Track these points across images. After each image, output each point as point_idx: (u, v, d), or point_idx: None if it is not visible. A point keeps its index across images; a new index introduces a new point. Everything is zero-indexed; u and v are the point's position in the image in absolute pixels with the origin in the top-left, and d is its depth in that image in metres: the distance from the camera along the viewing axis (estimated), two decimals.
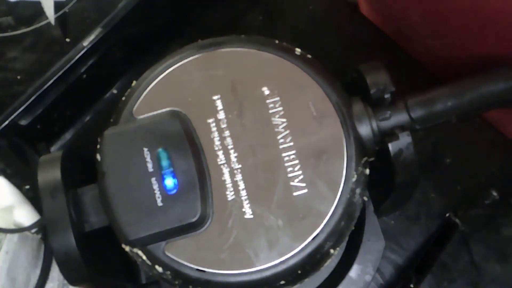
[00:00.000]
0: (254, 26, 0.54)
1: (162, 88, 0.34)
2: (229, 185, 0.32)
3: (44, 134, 0.48)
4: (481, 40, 0.41)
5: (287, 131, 0.32)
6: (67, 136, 0.51)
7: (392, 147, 0.33)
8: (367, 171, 0.33)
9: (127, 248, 0.31)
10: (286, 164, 0.32)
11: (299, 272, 0.31)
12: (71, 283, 0.32)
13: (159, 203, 0.30)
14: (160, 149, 0.31)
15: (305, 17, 0.53)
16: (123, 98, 0.34)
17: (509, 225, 0.46)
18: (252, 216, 0.31)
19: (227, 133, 0.32)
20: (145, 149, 0.31)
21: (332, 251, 0.32)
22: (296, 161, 0.32)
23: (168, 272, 0.31)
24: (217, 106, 0.33)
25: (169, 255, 0.31)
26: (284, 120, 0.33)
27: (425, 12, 0.44)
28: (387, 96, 0.34)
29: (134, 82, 0.34)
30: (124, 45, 0.49)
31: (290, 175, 0.32)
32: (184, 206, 0.30)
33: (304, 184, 0.32)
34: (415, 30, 0.48)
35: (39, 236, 0.46)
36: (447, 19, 0.42)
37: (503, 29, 0.38)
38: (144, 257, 0.31)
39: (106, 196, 0.31)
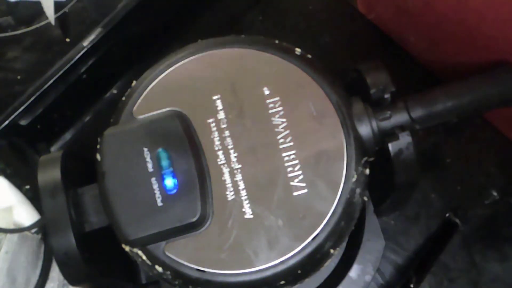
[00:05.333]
0: (254, 26, 0.54)
1: (162, 88, 0.34)
2: (229, 185, 0.32)
3: (44, 134, 0.48)
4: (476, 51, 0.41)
5: (287, 131, 0.32)
6: (67, 136, 0.51)
7: (392, 147, 0.33)
8: (367, 171, 0.33)
9: (127, 248, 0.31)
10: (286, 164, 0.32)
11: (299, 272, 0.31)
12: (71, 283, 0.32)
13: (159, 203, 0.30)
14: (160, 149, 0.31)
15: (305, 17, 0.53)
16: (123, 98, 0.34)
17: (509, 225, 0.46)
18: (252, 216, 0.31)
19: (227, 133, 0.32)
20: (145, 149, 0.31)
21: (332, 251, 0.32)
22: (296, 161, 0.32)
23: (168, 272, 0.31)
24: (217, 106, 0.33)
25: (169, 255, 0.31)
26: (284, 120, 0.33)
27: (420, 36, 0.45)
28: (387, 96, 0.34)
29: (134, 82, 0.34)
30: (124, 45, 0.49)
31: (290, 175, 0.32)
32: (184, 206, 0.30)
33: (304, 184, 0.32)
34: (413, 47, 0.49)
35: (39, 236, 0.46)
36: (440, 43, 0.43)
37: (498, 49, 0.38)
38: (144, 257, 0.31)
39: (106, 196, 0.31)
